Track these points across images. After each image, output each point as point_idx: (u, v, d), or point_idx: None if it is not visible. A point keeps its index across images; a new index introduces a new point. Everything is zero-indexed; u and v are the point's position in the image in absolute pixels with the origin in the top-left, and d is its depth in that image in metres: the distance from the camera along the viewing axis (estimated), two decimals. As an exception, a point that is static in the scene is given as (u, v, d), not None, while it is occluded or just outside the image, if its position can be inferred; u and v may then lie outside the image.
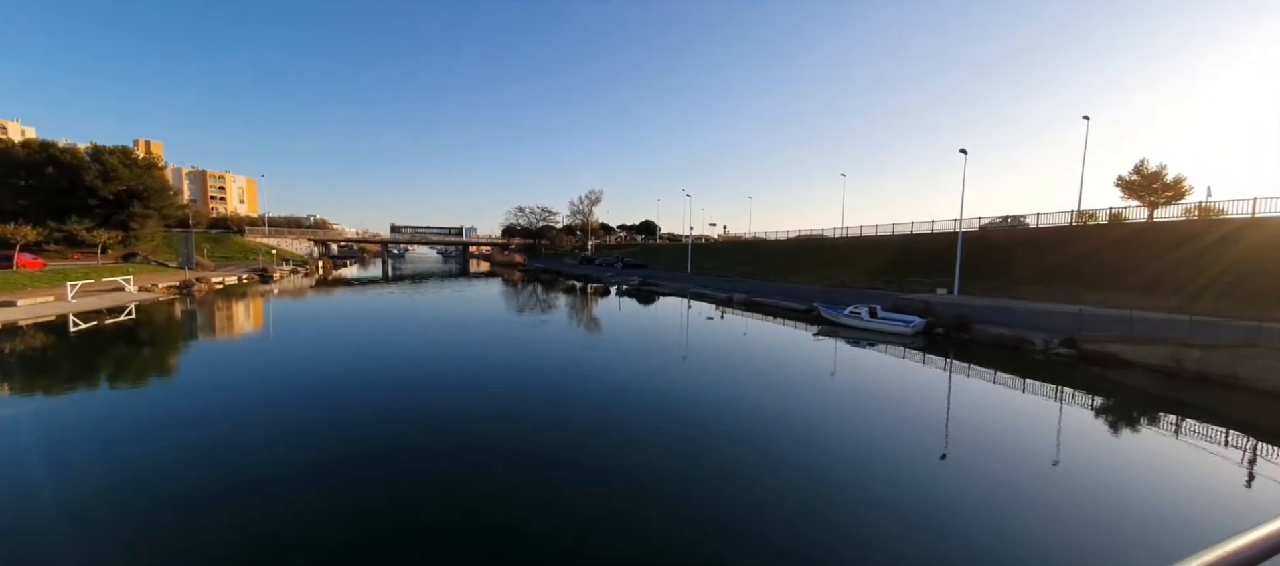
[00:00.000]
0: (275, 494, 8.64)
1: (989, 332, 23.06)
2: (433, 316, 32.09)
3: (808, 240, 65.96)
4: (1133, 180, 38.37)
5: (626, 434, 11.96)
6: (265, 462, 9.88)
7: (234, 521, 7.73)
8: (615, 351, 22.40)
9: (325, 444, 10.78)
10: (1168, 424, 13.54)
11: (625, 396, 15.08)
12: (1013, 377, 17.78)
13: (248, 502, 8.28)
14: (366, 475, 9.38)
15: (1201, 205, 33.99)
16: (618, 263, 73.90)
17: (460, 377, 16.76)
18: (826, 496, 9.02)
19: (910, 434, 12.75)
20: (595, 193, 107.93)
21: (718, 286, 45.34)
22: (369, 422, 12.17)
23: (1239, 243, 26.42)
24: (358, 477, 9.27)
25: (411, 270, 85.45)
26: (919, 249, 44.70)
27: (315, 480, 9.18)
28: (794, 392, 16.48)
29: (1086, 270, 30.88)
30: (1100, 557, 7.37)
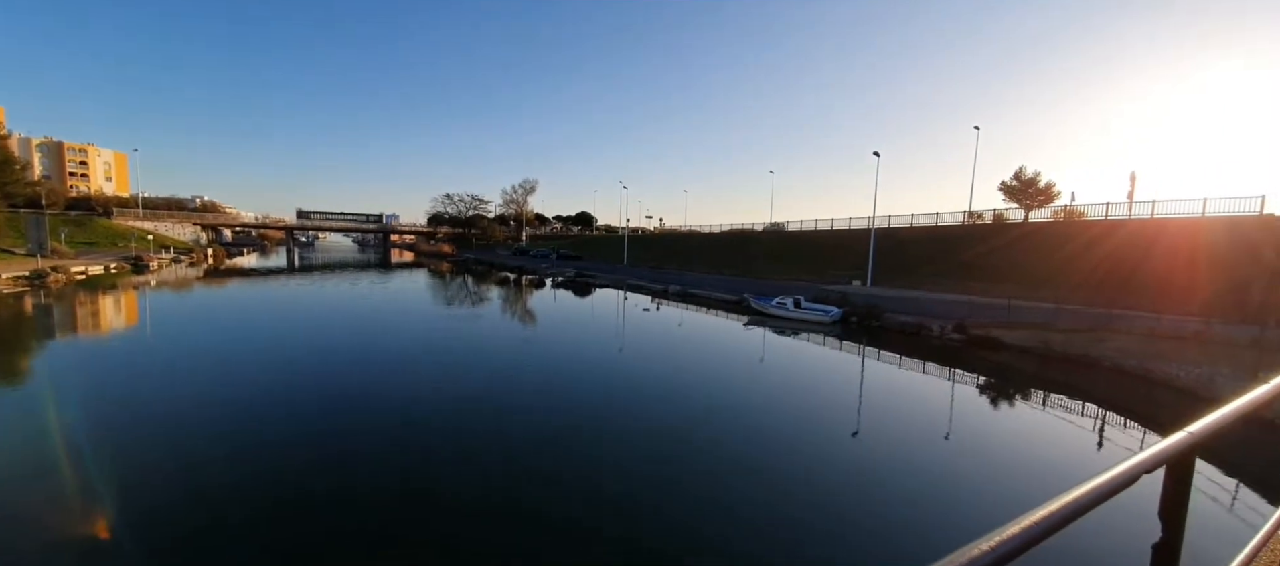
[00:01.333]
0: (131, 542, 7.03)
1: (896, 321, 25.38)
2: (349, 309, 29.66)
3: (739, 234, 68.62)
4: (1013, 185, 43.74)
5: (565, 425, 11.82)
6: (138, 482, 8.63)
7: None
8: (553, 344, 22.04)
9: (219, 454, 9.63)
10: (1036, 397, 15.73)
11: (564, 388, 14.89)
12: (914, 360, 19.73)
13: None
14: (275, 495, 8.50)
15: (1067, 208, 39.56)
16: (552, 254, 72.44)
17: (386, 372, 15.66)
18: (754, 473, 9.52)
19: (828, 414, 13.81)
20: (530, 182, 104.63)
21: (654, 278, 45.96)
22: (275, 432, 11.03)
23: (1098, 242, 31.10)
24: (264, 494, 8.38)
25: (322, 259, 78.38)
26: (838, 244, 48.10)
27: (202, 507, 8.17)
28: (726, 379, 17.17)
29: (977, 264, 34.89)
30: (976, 511, 8.44)
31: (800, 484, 9.31)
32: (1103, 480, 0.81)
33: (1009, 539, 0.67)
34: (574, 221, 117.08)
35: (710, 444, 10.94)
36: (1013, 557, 0.67)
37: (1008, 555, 0.66)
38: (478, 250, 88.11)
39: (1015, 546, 0.67)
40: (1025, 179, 43.09)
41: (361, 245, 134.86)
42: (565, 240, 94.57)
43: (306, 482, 8.64)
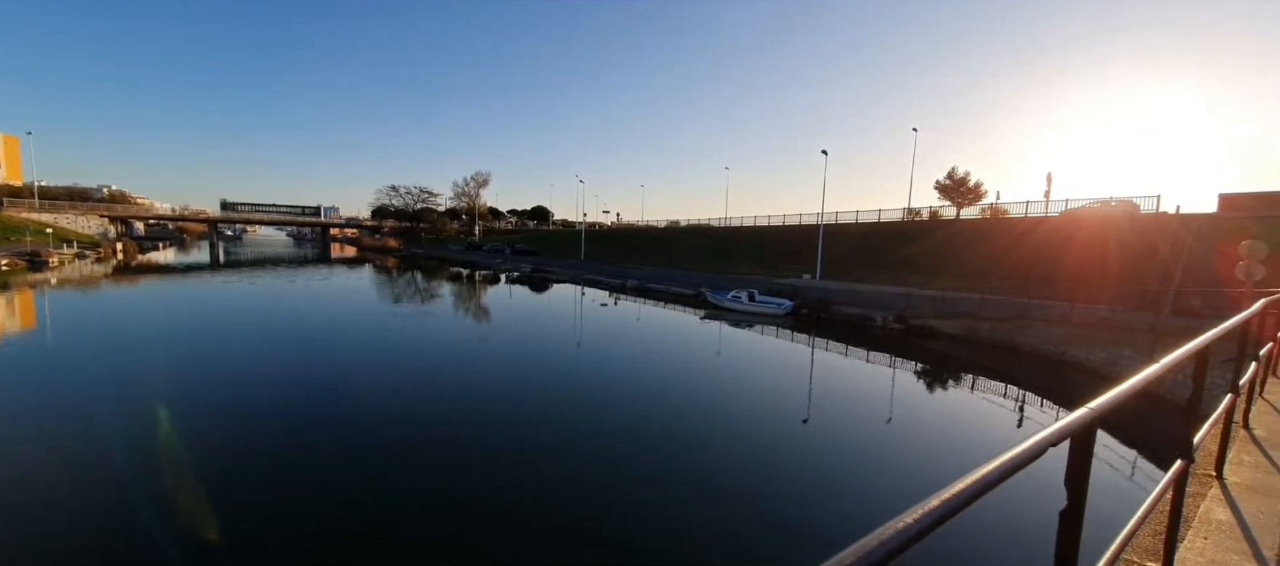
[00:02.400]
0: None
1: (843, 312, 26.61)
2: (284, 309, 27.79)
3: (696, 229, 69.63)
4: (946, 184, 46.77)
5: (524, 421, 11.61)
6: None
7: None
8: (509, 340, 21.58)
9: (136, 468, 8.80)
10: (967, 381, 16.98)
11: (522, 384, 14.61)
12: (859, 349, 20.78)
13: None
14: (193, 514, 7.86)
15: (993, 206, 42.70)
16: (507, 249, 70.66)
17: (329, 372, 14.78)
18: (713, 460, 9.74)
19: (781, 403, 14.33)
20: (483, 174, 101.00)
21: (611, 273, 45.86)
22: (200, 443, 10.19)
23: (1021, 238, 33.71)
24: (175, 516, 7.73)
25: (253, 255, 73.04)
26: (790, 239, 49.75)
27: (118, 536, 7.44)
28: (684, 372, 17.42)
29: (916, 258, 37.06)
30: (915, 486, 8.98)
31: (756, 468, 9.61)
32: (1014, 454, 0.88)
33: (932, 511, 0.72)
34: (530, 216, 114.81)
35: (669, 434, 11.08)
36: (936, 527, 0.72)
37: (931, 525, 0.71)
38: (427, 245, 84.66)
39: (939, 516, 0.72)
40: (957, 178, 46.14)
41: (297, 240, 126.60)
42: (521, 235, 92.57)
43: (230, 491, 8.05)
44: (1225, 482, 2.98)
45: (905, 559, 0.64)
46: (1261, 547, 2.35)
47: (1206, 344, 1.96)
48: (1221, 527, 2.52)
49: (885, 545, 0.63)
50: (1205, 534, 2.46)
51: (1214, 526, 2.54)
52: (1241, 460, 3.33)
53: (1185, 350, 1.82)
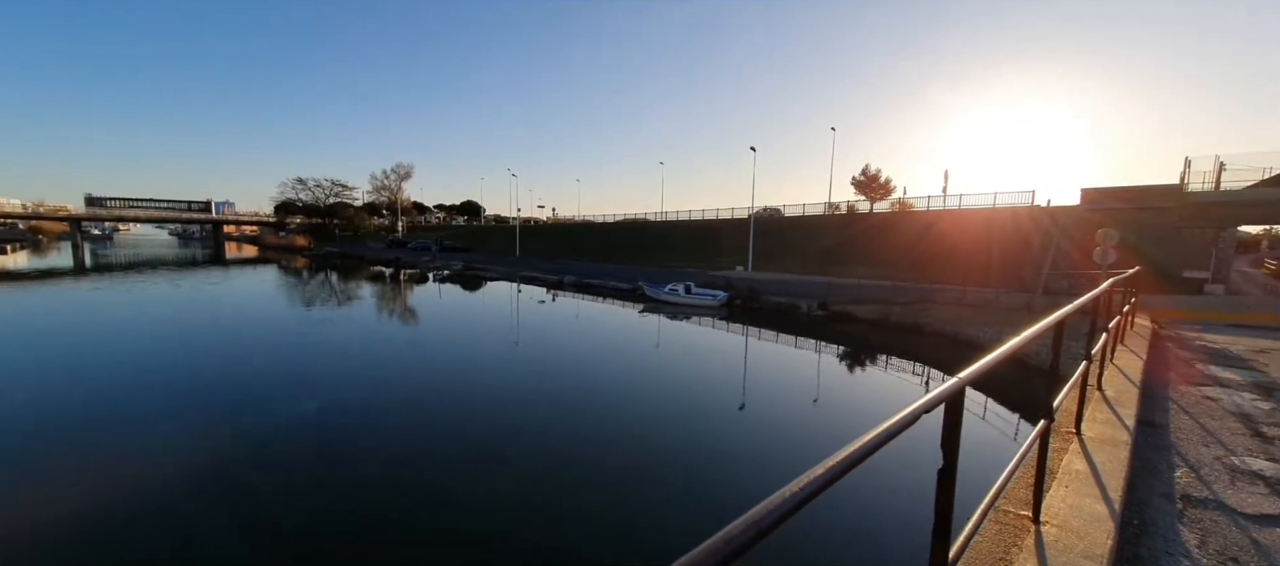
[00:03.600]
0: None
1: (772, 301, 27.98)
2: (167, 317, 24.58)
3: (633, 223, 69.93)
4: (861, 180, 50.44)
5: (458, 422, 11.10)
6: None
7: None
8: (440, 341, 20.54)
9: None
10: (881, 360, 18.51)
11: (455, 386, 13.94)
12: (788, 336, 21.96)
13: None
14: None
15: (900, 201, 46.66)
16: (434, 246, 66.84)
17: (226, 386, 13.23)
18: (655, 449, 9.88)
19: (718, 390, 14.81)
20: (405, 166, 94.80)
21: (548, 269, 44.98)
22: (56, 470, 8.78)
23: (924, 229, 37.13)
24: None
25: (129, 256, 64.01)
26: (724, 232, 51.41)
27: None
28: (624, 365, 17.51)
29: (837, 249, 39.70)
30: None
31: (696, 455, 9.86)
32: (893, 421, 0.95)
33: (817, 478, 0.76)
34: (459, 211, 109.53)
35: (611, 427, 11.09)
36: (831, 484, 0.77)
37: (817, 490, 0.75)
38: (342, 243, 78.32)
39: (825, 481, 0.76)
40: (870, 175, 49.88)
41: (184, 238, 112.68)
42: (450, 231, 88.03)
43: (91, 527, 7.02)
44: (1082, 437, 3.46)
45: (800, 523, 0.67)
46: (1109, 491, 2.75)
47: (1062, 318, 2.25)
48: (1079, 476, 2.92)
49: (774, 512, 0.65)
50: (1066, 483, 2.83)
51: (1073, 475, 2.93)
52: (1095, 417, 3.88)
53: (1045, 323, 2.08)
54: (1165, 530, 2.70)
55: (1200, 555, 2.48)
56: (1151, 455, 3.63)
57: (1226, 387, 5.47)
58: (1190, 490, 3.15)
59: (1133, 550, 2.49)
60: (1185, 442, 3.89)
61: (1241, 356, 7.08)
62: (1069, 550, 2.15)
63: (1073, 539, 2.24)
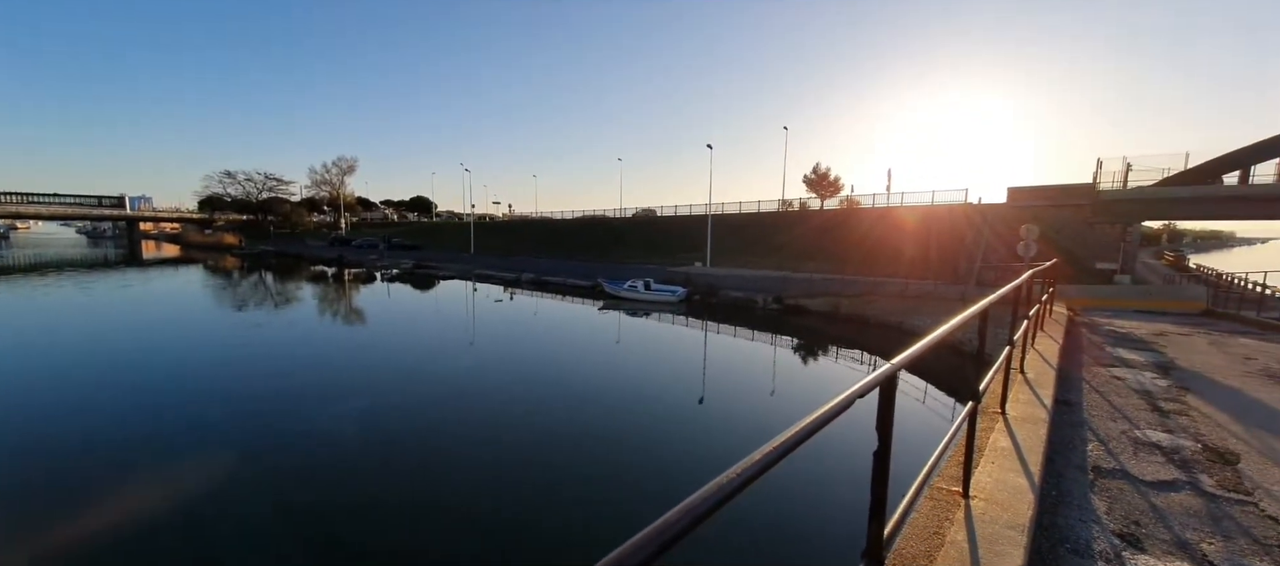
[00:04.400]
0: None
1: (730, 296, 28.59)
2: (67, 324, 22.27)
3: (592, 220, 69.43)
4: (812, 178, 52.33)
5: (416, 424, 10.66)
6: None
7: None
8: (390, 345, 19.65)
9: None
10: (832, 351, 19.31)
11: (407, 389, 13.36)
12: (745, 330, 22.52)
13: None
14: None
15: (848, 198, 48.77)
16: (382, 243, 63.57)
17: (149, 396, 12.11)
18: (616, 444, 9.87)
19: (678, 385, 15.00)
20: (347, 160, 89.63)
21: (505, 267, 43.96)
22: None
23: (871, 225, 38.98)
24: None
25: (31, 257, 57.56)
26: (682, 229, 51.99)
27: None
28: (584, 362, 17.40)
29: (790, 245, 41.01)
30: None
31: (657, 450, 9.93)
32: (829, 407, 0.97)
33: (756, 462, 0.77)
34: (409, 206, 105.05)
35: (572, 425, 10.98)
36: (767, 470, 0.82)
37: (763, 469, 0.78)
38: (278, 241, 73.44)
39: (767, 463, 0.78)
40: (820, 173, 51.84)
41: (94, 237, 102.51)
42: (399, 228, 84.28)
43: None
44: (1007, 416, 3.73)
45: (745, 508, 0.67)
46: (1030, 465, 2.98)
47: (985, 307, 2.40)
48: (1004, 453, 3.15)
49: (710, 499, 0.66)
50: (993, 459, 3.04)
51: (999, 452, 3.15)
52: (1018, 398, 4.19)
53: (969, 312, 2.22)
54: (1078, 499, 2.95)
55: (1108, 521, 2.73)
56: (1067, 431, 3.96)
57: (1131, 368, 6.06)
58: (1100, 462, 3.46)
59: (1051, 519, 2.71)
60: (1096, 419, 4.28)
61: (1144, 339, 7.86)
62: (995, 521, 2.31)
63: (998, 511, 2.41)
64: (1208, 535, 2.60)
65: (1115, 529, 2.64)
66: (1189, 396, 4.93)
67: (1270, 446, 3.76)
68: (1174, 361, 6.41)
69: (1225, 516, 2.79)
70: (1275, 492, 3.07)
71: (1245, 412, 4.50)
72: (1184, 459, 3.52)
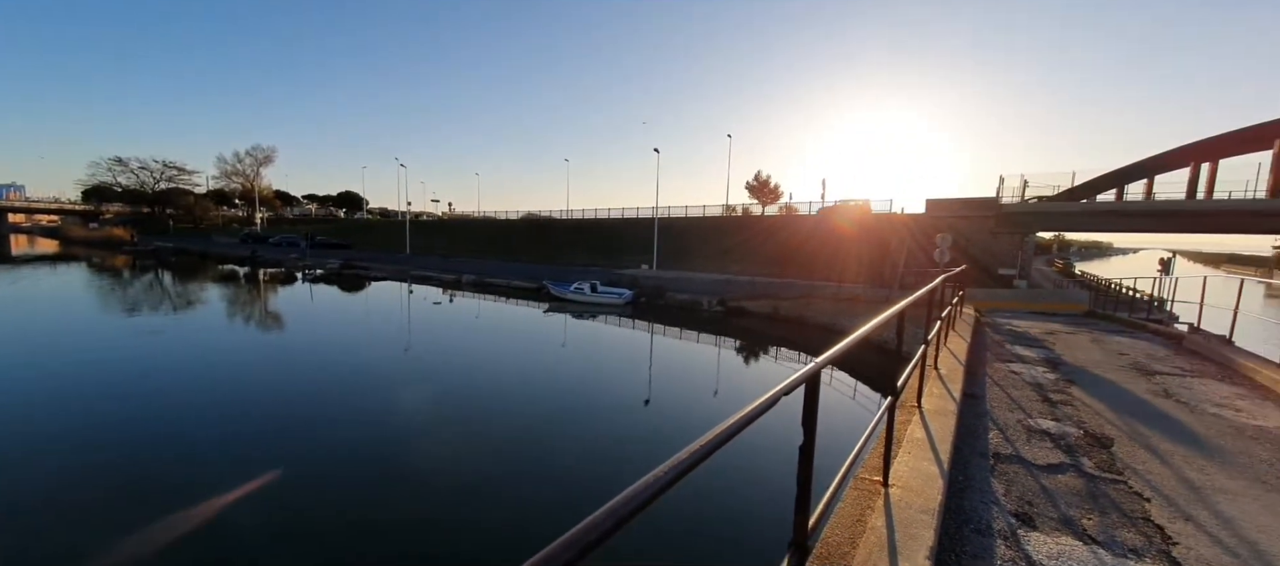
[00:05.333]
0: None
1: (676, 299, 29.06)
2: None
3: (538, 221, 68.11)
4: (753, 185, 54.36)
5: (339, 436, 9.91)
6: None
7: None
8: (310, 349, 18.21)
9: None
10: (772, 351, 20.11)
11: (334, 398, 12.44)
12: (691, 332, 22.96)
13: None
14: None
15: (787, 205, 51.08)
16: (303, 241, 58.40)
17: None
18: (563, 449, 9.70)
19: (625, 387, 15.03)
20: (264, 149, 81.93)
21: (444, 268, 42.12)
22: None
23: (809, 231, 41.03)
24: None
25: None
26: (630, 231, 52.23)
27: None
28: (530, 366, 16.98)
29: (734, 249, 42.35)
30: (738, 445, 10.43)
31: (605, 453, 9.87)
32: (755, 405, 1.00)
33: (681, 461, 0.78)
34: (336, 202, 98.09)
35: (517, 430, 10.69)
36: (698, 465, 0.85)
37: (695, 463, 0.81)
38: (180, 237, 66.18)
39: (699, 457, 0.79)
40: (762, 180, 53.97)
41: None
42: (325, 225, 78.48)
43: None
44: (923, 409, 4.04)
45: (681, 500, 0.67)
46: (940, 454, 3.24)
47: (903, 309, 2.59)
48: (919, 443, 3.41)
49: (645, 491, 0.66)
50: (909, 450, 3.28)
51: (915, 443, 3.41)
52: (932, 392, 4.55)
53: (888, 314, 2.39)
54: (981, 483, 3.25)
55: (1006, 501, 3.02)
56: (973, 421, 4.35)
57: (1026, 363, 6.76)
58: (1000, 448, 3.83)
59: (958, 502, 2.96)
60: (997, 410, 4.73)
61: (1037, 338, 8.80)
62: (909, 506, 2.49)
63: (913, 497, 2.60)
64: (1087, 511, 2.95)
65: (1012, 509, 2.93)
66: (1073, 388, 5.57)
67: (1137, 431, 4.33)
68: (1061, 357, 7.22)
69: (1101, 494, 3.17)
70: (1140, 472, 3.53)
71: (1118, 402, 5.15)
72: (1069, 444, 3.97)
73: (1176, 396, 5.36)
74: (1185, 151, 26.15)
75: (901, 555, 2.10)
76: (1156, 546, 2.61)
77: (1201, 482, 3.37)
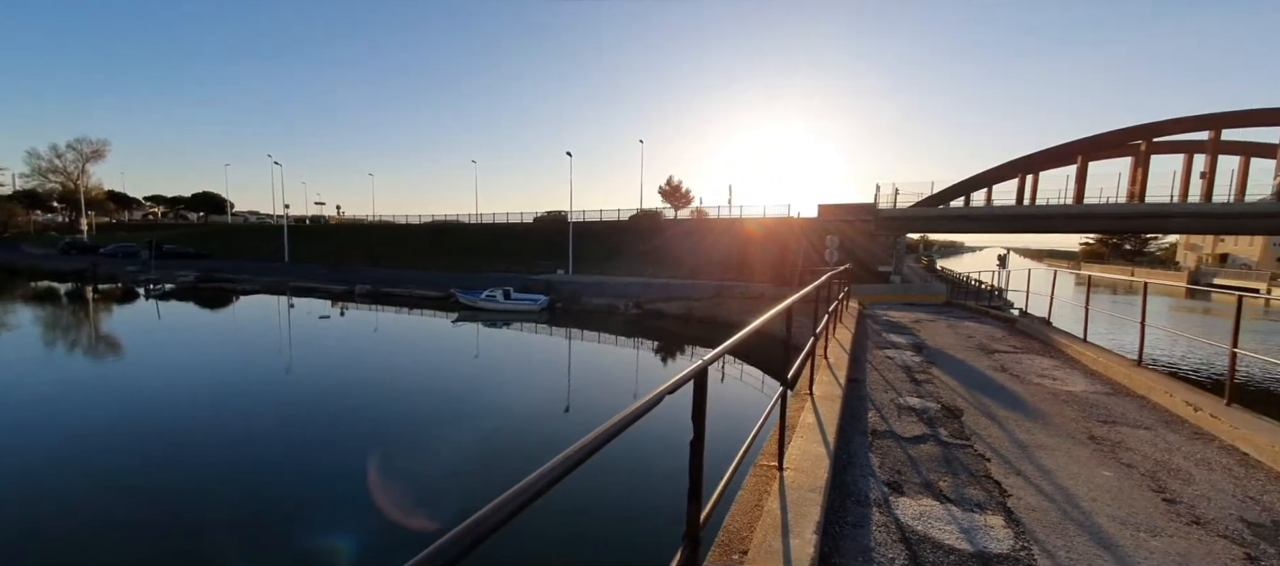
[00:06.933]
0: None
1: (593, 303, 28.99)
2: None
3: (444, 225, 64.17)
4: (666, 189, 56.07)
5: (208, 476, 8.47)
6: None
7: None
8: (158, 381, 15.44)
9: None
10: (688, 350, 20.82)
11: (196, 434, 10.62)
12: (609, 335, 23.04)
13: None
14: None
15: (698, 210, 53.35)
16: (146, 250, 48.74)
17: None
18: (481, 464, 9.17)
19: (543, 396, 14.63)
20: (92, 143, 68.26)
21: (333, 278, 38.08)
22: None
23: (720, 235, 43.10)
24: None
25: None
26: (544, 235, 51.13)
27: None
28: (438, 379, 15.93)
29: (650, 252, 43.23)
30: (662, 448, 10.63)
31: (526, 466, 9.49)
32: (642, 402, 1.02)
33: (570, 456, 0.77)
34: (192, 205, 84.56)
35: (428, 447, 9.91)
36: (591, 455, 0.89)
37: (589, 452, 0.88)
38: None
39: (592, 448, 0.81)
40: (673, 185, 55.80)
41: None
42: (176, 231, 67.26)
43: None
44: (814, 396, 4.41)
45: (580, 497, 0.66)
46: (827, 436, 3.55)
47: (790, 305, 2.81)
48: (810, 428, 3.71)
49: (526, 491, 0.66)
50: (802, 434, 3.56)
51: (806, 427, 3.70)
52: (821, 380, 4.99)
53: (776, 310, 2.57)
54: (861, 458, 3.62)
55: (881, 473, 3.39)
56: (855, 404, 4.84)
57: (898, 349, 7.67)
58: (876, 426, 4.29)
59: (841, 478, 3.27)
60: (875, 391, 5.31)
61: (907, 326, 10.03)
62: (801, 487, 2.70)
63: (804, 477, 2.82)
64: (943, 475, 3.40)
65: (885, 479, 3.30)
66: (934, 368, 6.43)
67: (981, 402, 5.09)
68: (925, 342, 8.30)
69: (954, 458, 3.68)
70: (983, 436, 4.15)
71: (967, 378, 6.03)
72: (930, 417, 4.56)
73: (1010, 370, 6.40)
74: (1014, 165, 31.48)
75: (793, 532, 2.26)
76: (995, 499, 3.08)
77: (1027, 441, 4.05)
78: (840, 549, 2.50)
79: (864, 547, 2.52)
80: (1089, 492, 3.18)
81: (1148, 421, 4.56)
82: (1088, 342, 7.31)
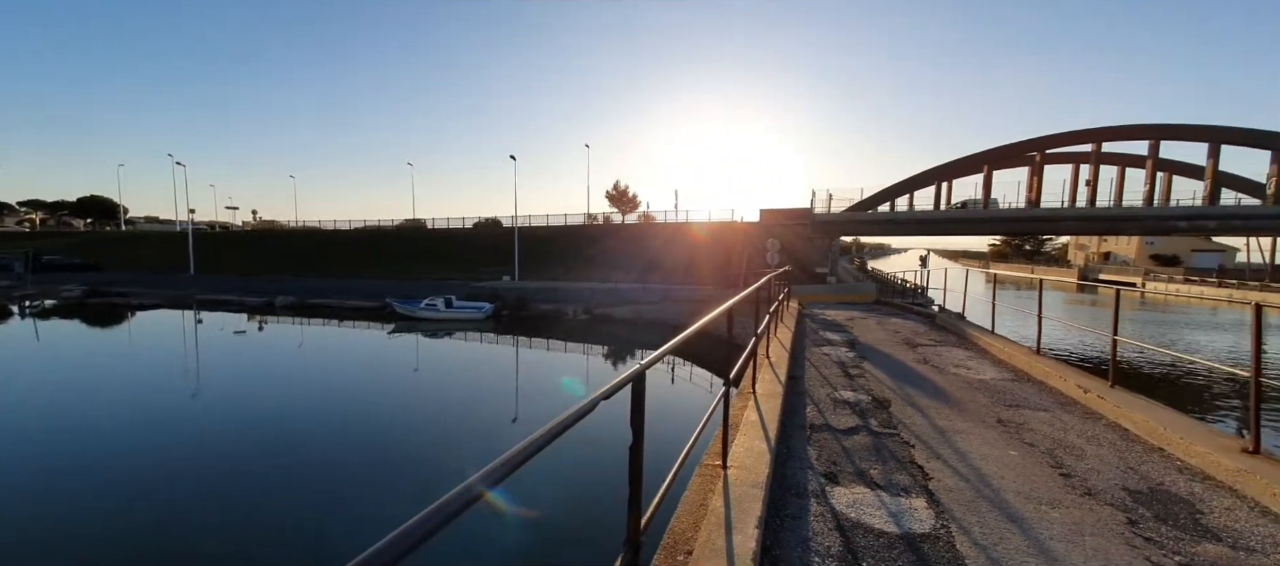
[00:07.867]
0: None
1: (540, 309, 28.45)
2: None
3: (378, 231, 60.62)
4: (613, 194, 56.13)
5: (107, 527, 7.42)
6: None
7: None
8: (34, 415, 13.48)
9: None
10: (638, 354, 20.86)
11: (88, 473, 9.30)
12: (558, 341, 22.67)
13: None
14: None
15: (645, 214, 53.80)
16: (22, 263, 43.03)
17: None
18: (423, 483, 8.67)
19: (489, 407, 14.14)
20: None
21: (248, 289, 34.93)
22: None
23: (667, 239, 43.61)
24: None
25: None
26: (489, 240, 49.58)
27: None
28: (374, 397, 14.93)
29: (598, 257, 42.99)
30: (611, 457, 10.55)
31: (459, 473, 9.08)
32: (578, 407, 0.99)
33: (523, 449, 0.74)
34: (78, 211, 74.97)
35: (364, 470, 9.24)
36: (527, 460, 0.90)
37: (527, 456, 0.90)
38: None
39: (519, 460, 0.83)
40: (620, 190, 56.01)
41: None
42: (58, 239, 59.32)
43: None
44: (756, 394, 4.55)
45: (513, 503, 0.62)
46: (769, 432, 3.67)
47: (730, 306, 2.88)
48: (752, 425, 3.81)
49: (452, 505, 0.75)
50: (745, 432, 3.66)
51: (749, 425, 3.81)
52: (763, 378, 5.16)
53: (717, 311, 2.63)
54: (799, 452, 3.76)
55: (818, 465, 3.54)
56: (794, 400, 5.04)
57: (834, 346, 8.08)
58: (814, 420, 4.49)
59: (781, 472, 3.39)
60: (812, 387, 5.55)
61: (842, 324, 10.60)
62: (743, 484, 2.77)
63: (746, 474, 2.89)
64: (873, 463, 3.61)
65: (822, 470, 3.45)
66: (866, 363, 6.83)
67: (906, 392, 5.45)
68: (858, 338, 8.81)
69: (883, 447, 3.91)
70: (908, 424, 4.45)
71: (894, 370, 6.44)
72: (862, 409, 4.83)
73: (931, 362, 6.91)
74: (931, 173, 34.22)
75: (735, 528, 2.31)
76: (919, 483, 3.30)
77: (946, 426, 4.38)
78: (781, 541, 2.58)
79: (803, 538, 2.62)
80: (998, 471, 3.49)
81: (1047, 404, 5.07)
82: (996, 334, 8.04)
